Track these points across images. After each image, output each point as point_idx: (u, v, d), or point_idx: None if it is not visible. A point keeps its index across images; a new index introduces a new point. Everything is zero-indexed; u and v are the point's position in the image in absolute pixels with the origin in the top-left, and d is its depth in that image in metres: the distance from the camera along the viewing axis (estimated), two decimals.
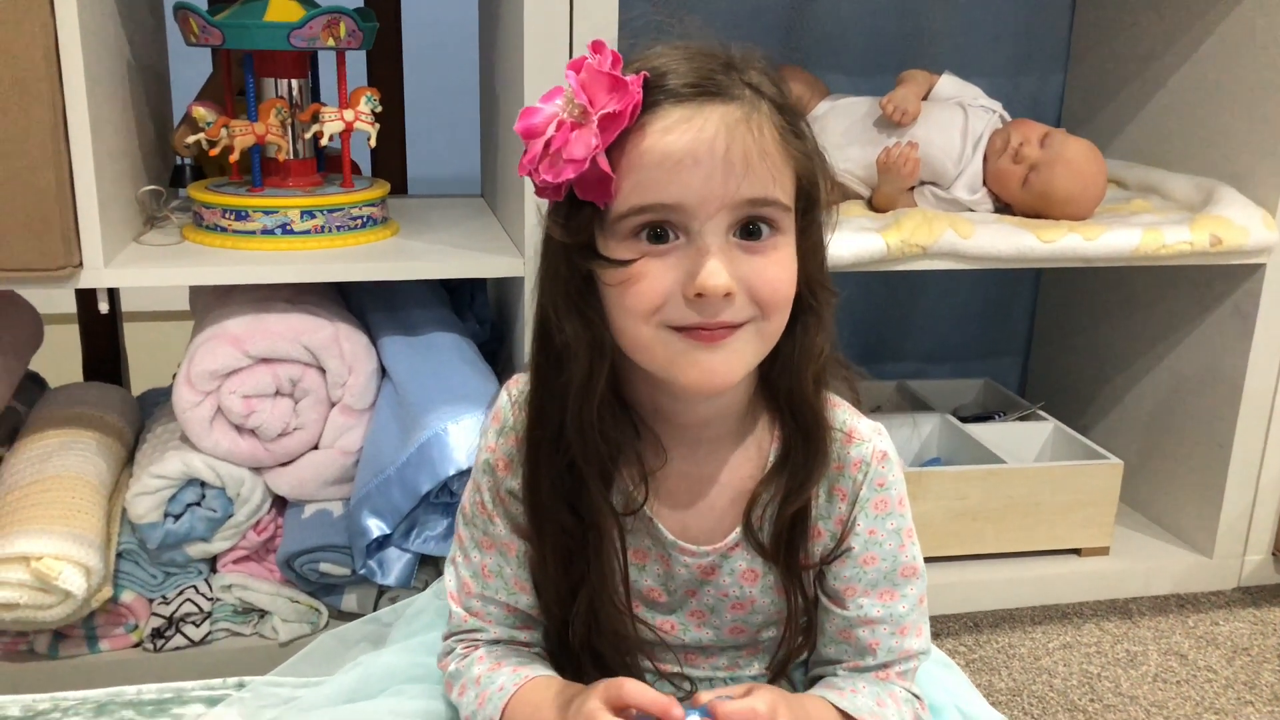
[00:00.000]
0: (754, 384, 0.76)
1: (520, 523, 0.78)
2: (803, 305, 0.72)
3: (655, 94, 0.66)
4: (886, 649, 0.77)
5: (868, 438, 0.77)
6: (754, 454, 0.77)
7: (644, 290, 0.67)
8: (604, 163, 0.65)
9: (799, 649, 0.80)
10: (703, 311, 0.67)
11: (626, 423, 0.74)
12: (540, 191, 0.68)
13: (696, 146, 0.65)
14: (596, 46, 0.66)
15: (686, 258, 0.67)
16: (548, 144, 0.66)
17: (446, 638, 0.82)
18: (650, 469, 0.75)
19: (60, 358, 1.59)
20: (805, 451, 0.75)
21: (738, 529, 0.76)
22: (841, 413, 0.77)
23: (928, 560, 1.46)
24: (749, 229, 0.67)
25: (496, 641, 0.80)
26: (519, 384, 0.78)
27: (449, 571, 0.82)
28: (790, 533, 0.75)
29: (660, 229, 0.67)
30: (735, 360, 0.69)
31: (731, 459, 0.77)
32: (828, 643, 0.79)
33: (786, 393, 0.75)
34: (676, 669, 0.81)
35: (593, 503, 0.74)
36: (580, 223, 0.68)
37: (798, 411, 0.75)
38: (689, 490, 0.77)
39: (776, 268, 0.68)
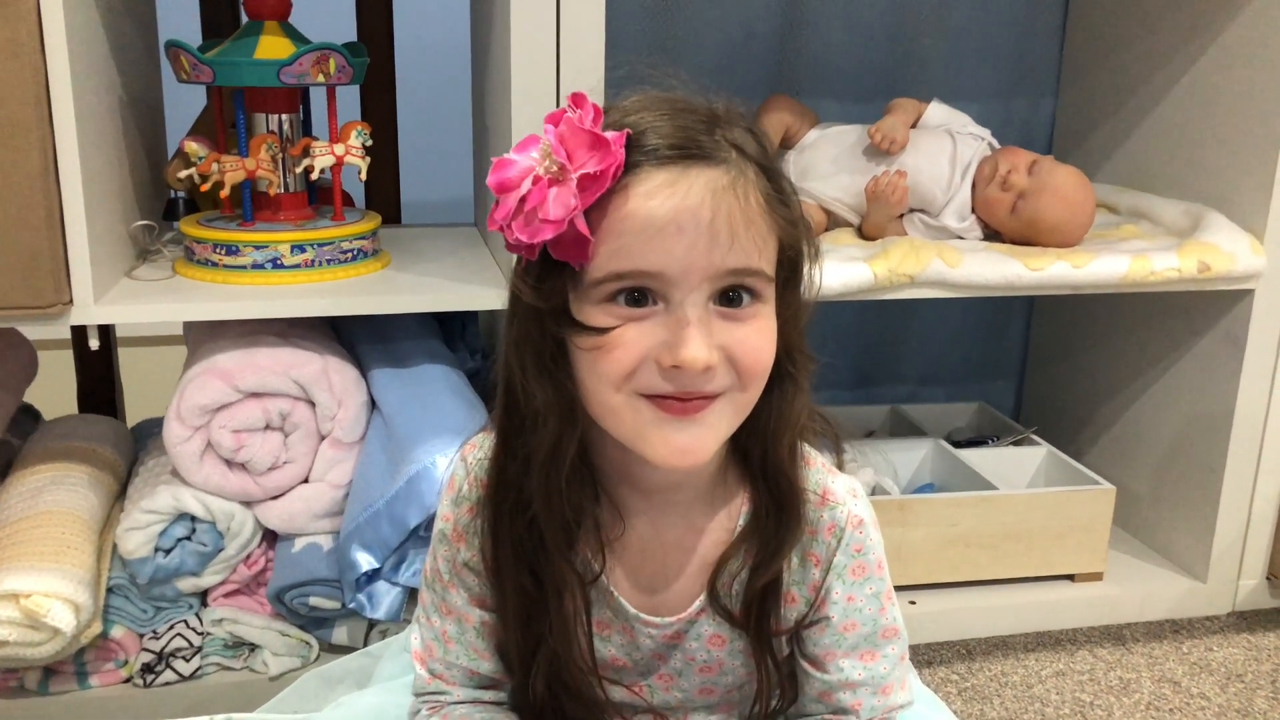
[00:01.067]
0: (726, 446, 0.73)
1: (477, 593, 0.77)
2: (781, 372, 0.70)
3: (636, 154, 0.63)
4: (869, 708, 0.76)
5: (842, 501, 0.74)
6: (724, 519, 0.75)
7: (619, 357, 0.64)
8: (583, 225, 0.62)
9: (775, 711, 0.79)
10: (678, 382, 0.64)
11: (589, 488, 0.72)
12: (512, 248, 0.66)
13: (680, 214, 0.62)
14: (577, 100, 0.64)
15: (665, 326, 0.64)
16: (523, 200, 0.64)
17: (415, 696, 0.82)
18: (608, 539, 0.73)
19: (56, 385, 1.59)
20: (778, 520, 0.72)
21: (703, 595, 0.75)
22: (814, 472, 0.75)
23: (920, 587, 1.49)
24: (729, 296, 0.65)
25: (461, 703, 0.80)
26: (475, 449, 0.77)
27: (414, 631, 0.81)
28: (761, 603, 0.74)
29: (639, 293, 0.64)
30: (708, 435, 0.66)
31: (700, 524, 0.75)
32: (808, 703, 0.78)
33: (760, 459, 0.72)
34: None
35: (554, 566, 0.72)
36: (554, 286, 0.65)
37: (772, 480, 0.72)
38: (654, 556, 0.75)
39: (758, 336, 0.66)
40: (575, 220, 0.62)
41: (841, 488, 0.75)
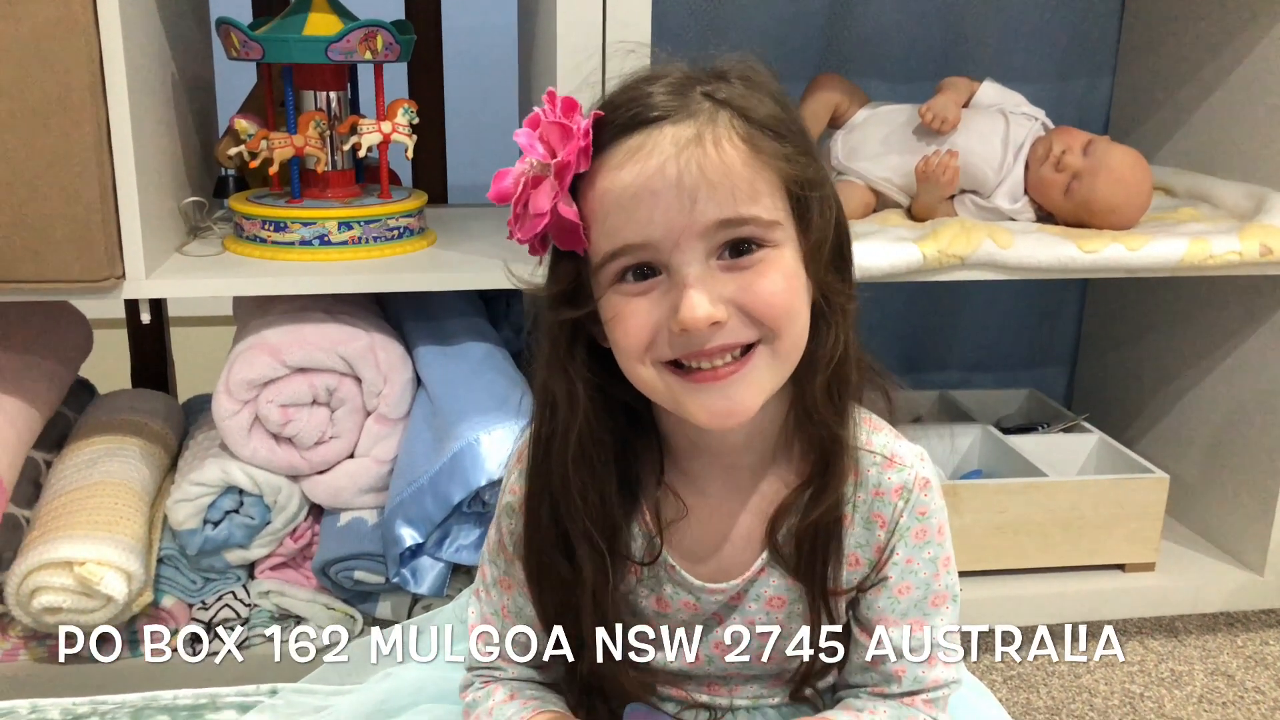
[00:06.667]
0: (788, 403, 0.72)
1: None
2: (813, 310, 0.69)
3: (605, 132, 0.64)
4: (913, 678, 0.75)
5: (909, 463, 0.73)
6: (788, 476, 0.74)
7: (631, 329, 0.65)
8: (565, 210, 0.64)
9: (823, 670, 0.78)
10: (691, 344, 0.64)
11: (653, 466, 0.73)
12: (531, 251, 0.68)
13: (650, 178, 0.63)
14: (549, 98, 0.65)
15: (668, 293, 0.64)
16: (520, 203, 0.66)
17: (468, 670, 0.82)
18: (668, 520, 0.73)
19: (111, 361, 1.62)
20: (821, 461, 0.72)
21: (765, 553, 0.74)
22: (881, 436, 0.74)
23: (967, 574, 1.47)
24: (736, 248, 0.64)
25: (514, 679, 0.79)
26: None
27: (472, 604, 0.81)
28: (813, 543, 0.73)
29: (644, 268, 0.65)
30: (748, 393, 0.66)
31: (766, 485, 0.74)
32: (855, 670, 0.77)
33: (805, 399, 0.72)
34: (700, 698, 0.80)
35: (579, 557, 0.72)
36: (560, 274, 0.67)
37: (819, 423, 0.71)
38: (720, 522, 0.75)
39: (768, 282, 0.65)
40: (559, 206, 0.64)
41: (909, 451, 0.74)
